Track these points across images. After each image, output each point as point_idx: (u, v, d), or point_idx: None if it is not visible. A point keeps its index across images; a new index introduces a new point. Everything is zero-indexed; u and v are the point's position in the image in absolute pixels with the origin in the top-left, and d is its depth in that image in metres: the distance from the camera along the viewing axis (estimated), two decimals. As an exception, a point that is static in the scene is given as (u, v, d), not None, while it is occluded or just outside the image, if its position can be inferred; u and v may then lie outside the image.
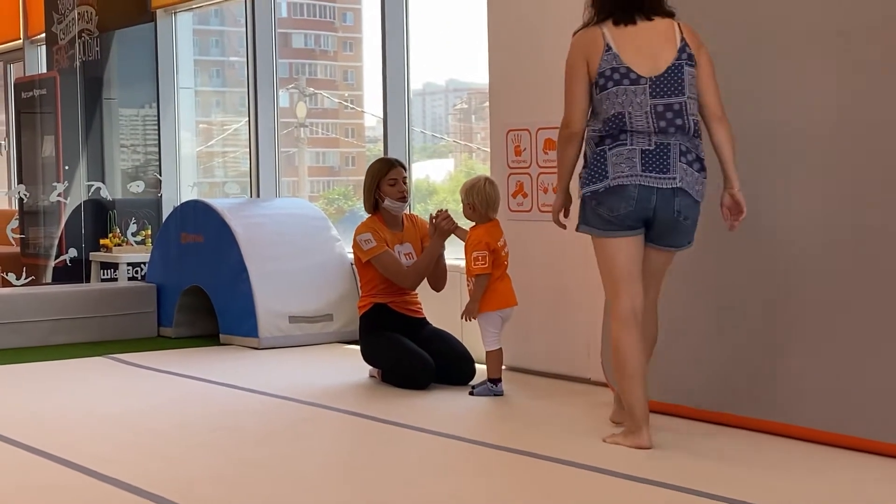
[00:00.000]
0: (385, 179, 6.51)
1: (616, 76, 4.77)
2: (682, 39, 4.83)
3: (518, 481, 4.46)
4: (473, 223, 6.12)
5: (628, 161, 4.76)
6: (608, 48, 4.79)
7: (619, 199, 4.77)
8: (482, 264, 5.96)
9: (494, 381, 6.04)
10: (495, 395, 6.00)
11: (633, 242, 4.87)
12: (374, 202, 6.55)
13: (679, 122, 4.75)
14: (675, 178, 4.75)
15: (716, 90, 4.83)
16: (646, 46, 4.81)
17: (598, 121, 4.84)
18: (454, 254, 6.90)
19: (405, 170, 6.62)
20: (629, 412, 4.86)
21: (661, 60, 4.79)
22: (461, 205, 6.15)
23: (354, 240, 6.50)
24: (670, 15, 4.89)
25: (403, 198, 6.54)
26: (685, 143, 4.78)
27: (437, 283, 6.53)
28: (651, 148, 4.76)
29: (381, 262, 6.40)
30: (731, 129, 4.82)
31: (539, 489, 4.31)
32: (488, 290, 5.99)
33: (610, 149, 4.79)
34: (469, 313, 6.03)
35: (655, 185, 4.74)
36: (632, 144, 4.77)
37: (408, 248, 6.55)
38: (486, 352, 6.06)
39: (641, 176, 4.74)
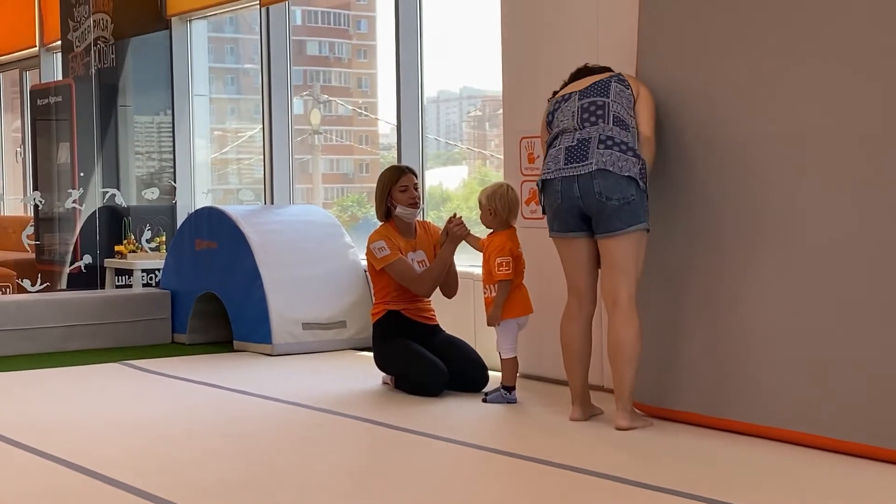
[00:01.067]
0: (396, 186, 6.51)
1: (557, 104, 5.53)
2: (617, 74, 5.47)
3: (530, 488, 4.46)
4: (491, 230, 6.11)
5: (555, 159, 5.34)
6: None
7: (549, 193, 5.36)
8: (506, 270, 5.96)
9: (508, 388, 6.04)
10: (509, 402, 6.00)
11: (575, 243, 5.40)
12: (386, 210, 6.55)
13: (601, 113, 5.25)
14: (591, 164, 5.19)
15: (649, 117, 5.32)
16: (583, 82, 5.54)
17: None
18: (468, 261, 6.90)
19: (416, 177, 6.62)
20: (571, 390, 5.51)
21: (591, 81, 5.48)
22: (477, 211, 6.14)
23: (368, 247, 6.50)
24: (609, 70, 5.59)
25: (415, 204, 6.54)
26: (606, 132, 5.21)
27: (449, 290, 6.53)
28: (573, 144, 5.26)
29: (396, 270, 6.41)
30: (653, 149, 5.35)
31: (551, 497, 4.31)
32: (507, 297, 5.99)
33: (546, 151, 5.45)
34: (493, 319, 6.02)
35: (576, 174, 5.23)
36: (559, 144, 5.32)
37: (421, 256, 6.55)
38: (503, 359, 6.06)
39: (563, 169, 5.28)
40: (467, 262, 7.01)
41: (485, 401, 6.03)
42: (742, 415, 5.15)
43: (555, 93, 5.66)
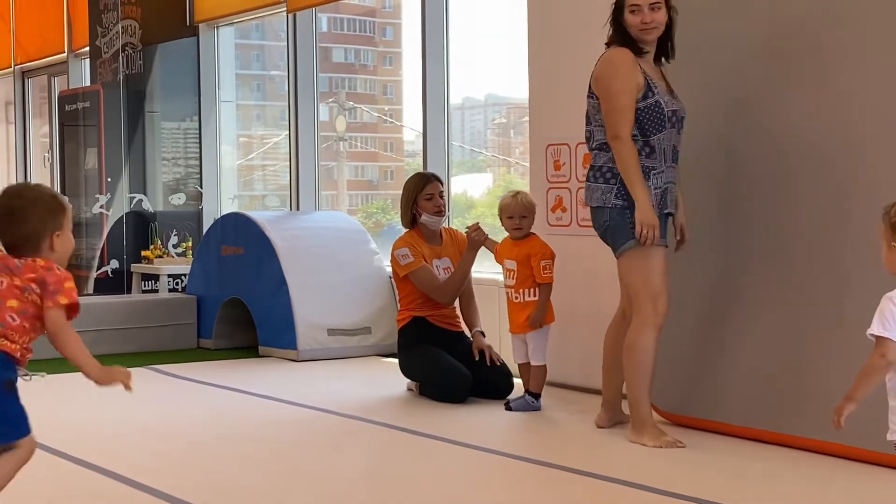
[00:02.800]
0: (422, 194, 6.53)
1: None
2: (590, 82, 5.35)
3: (553, 495, 4.47)
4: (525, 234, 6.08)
5: None
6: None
7: None
8: (550, 273, 5.98)
9: (535, 395, 6.03)
10: (534, 409, 6.00)
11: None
12: (411, 217, 6.57)
13: (589, 140, 5.35)
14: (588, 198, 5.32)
15: (605, 118, 5.18)
16: None
17: None
18: (492, 268, 6.91)
19: (442, 184, 6.63)
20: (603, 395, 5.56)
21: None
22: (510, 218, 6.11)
23: (392, 254, 6.52)
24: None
25: (440, 212, 6.55)
26: (591, 162, 5.33)
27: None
28: None
29: (418, 278, 6.43)
30: (618, 151, 5.12)
31: (571, 502, 4.32)
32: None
33: None
34: (536, 321, 5.98)
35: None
36: None
37: (446, 263, 6.56)
38: (534, 366, 6.04)
39: None
40: (490, 269, 7.02)
41: (508, 408, 6.03)
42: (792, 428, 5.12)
43: None
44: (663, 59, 5.34)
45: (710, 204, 5.50)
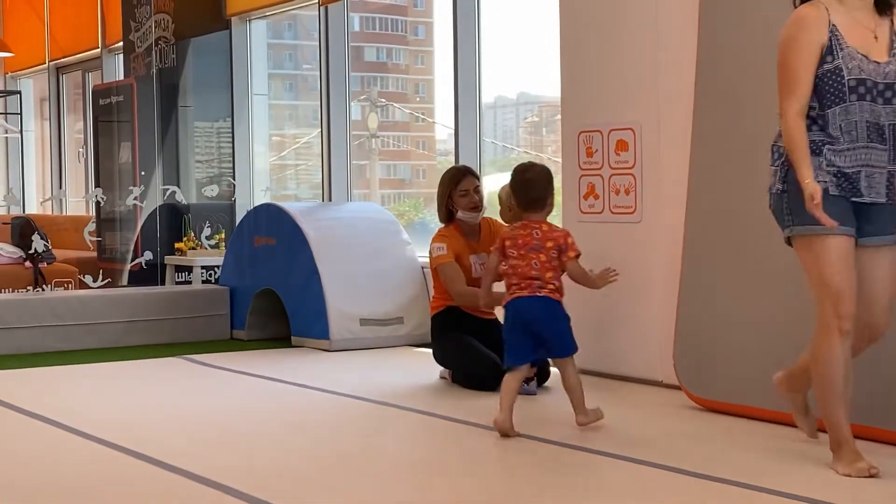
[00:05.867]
0: (456, 190, 6.52)
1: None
2: None
3: (587, 479, 4.48)
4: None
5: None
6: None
7: None
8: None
9: (527, 379, 5.99)
10: (528, 394, 5.98)
11: None
12: (447, 212, 6.57)
13: None
14: None
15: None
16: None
17: None
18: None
19: (478, 179, 6.61)
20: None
21: None
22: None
23: (431, 246, 6.52)
24: None
25: (476, 208, 6.53)
26: None
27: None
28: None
29: (444, 271, 6.40)
30: (782, 127, 4.37)
31: (601, 487, 4.32)
32: None
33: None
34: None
35: None
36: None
37: (484, 258, 6.52)
38: None
39: None
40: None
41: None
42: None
43: None
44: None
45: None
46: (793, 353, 5.20)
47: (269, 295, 8.38)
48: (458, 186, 6.51)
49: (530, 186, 5.24)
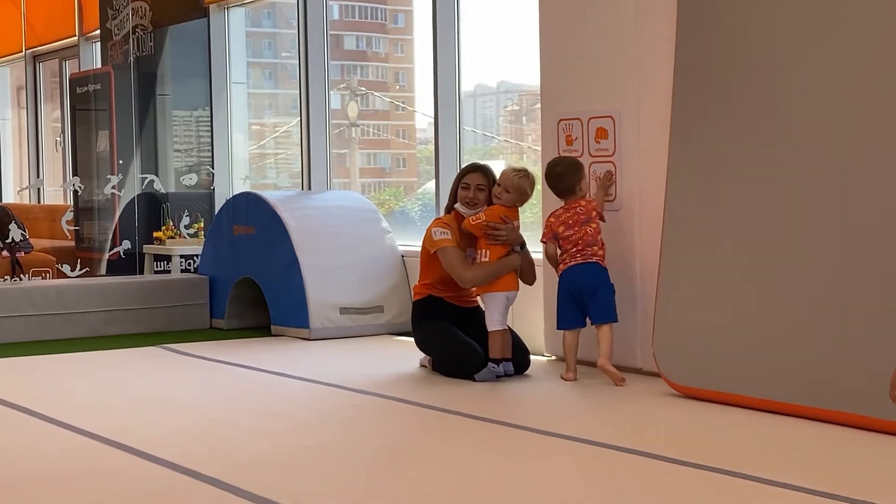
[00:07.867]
0: (461, 183, 6.55)
1: None
2: None
3: (568, 466, 4.47)
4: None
5: None
6: None
7: None
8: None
9: (496, 360, 6.09)
10: (497, 376, 6.07)
11: None
12: (451, 202, 6.59)
13: None
14: None
15: None
16: None
17: None
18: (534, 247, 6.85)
19: (488, 177, 6.54)
20: None
21: None
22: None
23: (428, 230, 6.47)
24: None
25: (470, 203, 6.50)
26: None
27: (527, 278, 6.50)
28: None
29: (447, 256, 6.37)
30: None
31: (580, 474, 4.33)
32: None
33: None
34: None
35: None
36: None
37: (471, 254, 6.50)
38: (490, 332, 6.17)
39: None
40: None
41: (473, 379, 6.12)
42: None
43: None
44: None
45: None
46: (771, 341, 5.23)
47: (249, 284, 8.37)
48: (462, 179, 6.54)
49: (561, 178, 6.22)
